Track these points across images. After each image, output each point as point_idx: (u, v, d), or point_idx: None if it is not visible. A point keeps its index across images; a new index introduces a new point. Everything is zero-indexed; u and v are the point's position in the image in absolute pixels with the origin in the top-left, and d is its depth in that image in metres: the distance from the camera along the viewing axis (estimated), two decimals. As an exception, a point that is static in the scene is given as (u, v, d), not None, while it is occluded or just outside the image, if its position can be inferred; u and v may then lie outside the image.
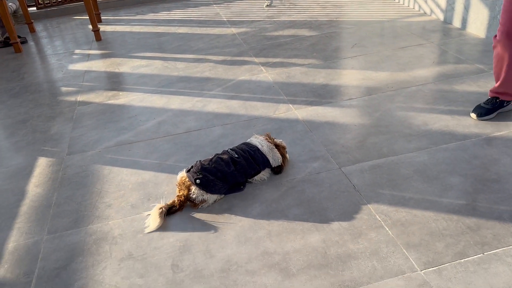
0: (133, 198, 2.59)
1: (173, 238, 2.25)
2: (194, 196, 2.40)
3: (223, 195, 2.50)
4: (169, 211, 2.38)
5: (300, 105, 3.46)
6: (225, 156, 2.52)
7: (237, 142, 2.83)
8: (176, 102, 3.74)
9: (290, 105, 3.47)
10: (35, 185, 2.81)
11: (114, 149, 3.15)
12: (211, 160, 2.49)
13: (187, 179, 2.43)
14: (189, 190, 2.41)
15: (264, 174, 2.63)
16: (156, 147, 3.11)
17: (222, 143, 3.07)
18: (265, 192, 2.52)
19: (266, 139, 2.66)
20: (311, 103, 3.47)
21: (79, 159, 3.06)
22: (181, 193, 2.43)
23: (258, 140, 2.64)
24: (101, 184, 2.75)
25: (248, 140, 2.71)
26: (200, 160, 2.52)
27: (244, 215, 2.35)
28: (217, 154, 2.58)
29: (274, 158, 2.59)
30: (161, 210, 2.33)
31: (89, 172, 2.89)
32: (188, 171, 2.46)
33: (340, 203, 2.36)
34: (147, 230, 2.26)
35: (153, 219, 2.30)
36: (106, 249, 2.22)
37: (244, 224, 2.29)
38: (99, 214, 2.49)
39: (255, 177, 2.60)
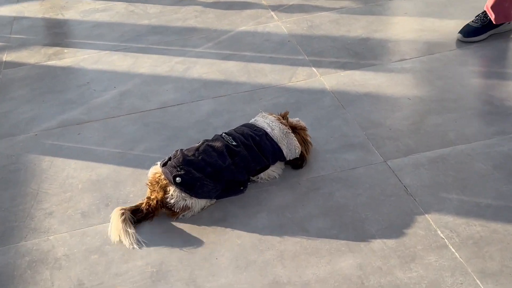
0: (84, 203, 2.61)
1: (143, 261, 2.27)
2: (172, 201, 2.41)
3: (214, 200, 2.51)
4: (134, 217, 2.42)
5: (328, 69, 3.42)
6: (218, 144, 2.53)
7: (235, 124, 2.83)
8: (147, 64, 3.74)
9: (314, 69, 3.46)
10: None
11: (57, 131, 3.17)
12: (197, 149, 2.50)
13: (162, 177, 2.44)
14: (165, 192, 2.43)
15: (275, 169, 2.63)
16: (117, 130, 3.12)
17: (213, 124, 3.06)
18: (276, 195, 2.53)
19: (279, 119, 2.66)
20: (344, 66, 3.44)
21: (6, 146, 3.09)
22: (153, 196, 2.45)
23: (266, 121, 2.65)
24: (39, 182, 2.78)
25: (252, 121, 2.71)
26: (181, 150, 2.53)
27: (244, 228, 2.37)
28: (206, 140, 2.59)
29: (290, 147, 2.59)
30: (122, 212, 2.37)
31: (21, 164, 2.92)
32: (164, 164, 2.47)
33: (385, 212, 2.36)
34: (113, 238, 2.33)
35: (114, 227, 2.35)
36: (45, 276, 2.25)
37: (245, 242, 2.30)
38: (35, 226, 2.51)
39: (262, 174, 2.60)
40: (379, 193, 2.46)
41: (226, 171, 2.48)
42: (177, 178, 2.40)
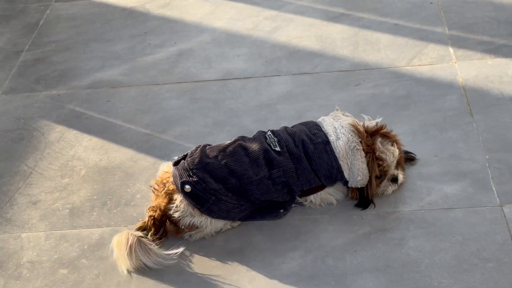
0: (78, 197, 2.71)
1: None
2: (177, 215, 2.41)
3: (238, 222, 2.49)
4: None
5: (472, 52, 3.24)
6: (255, 146, 2.46)
7: (309, 117, 2.76)
8: (227, 16, 3.76)
9: (451, 50, 3.29)
10: None
11: (84, 94, 3.31)
12: (224, 149, 2.46)
13: (171, 179, 2.45)
14: (170, 200, 2.43)
15: (334, 193, 2.54)
16: (156, 102, 3.19)
17: (280, 112, 3.03)
18: (324, 230, 2.44)
19: (354, 125, 2.51)
20: (497, 51, 3.23)
21: (19, 105, 3.28)
22: (156, 203, 2.46)
23: (335, 124, 2.51)
24: (37, 159, 2.93)
25: (320, 120, 2.59)
26: (204, 146, 2.51)
27: (264, 269, 2.31)
28: (242, 138, 2.54)
29: (353, 169, 2.46)
30: (131, 235, 2.34)
31: (27, 132, 3.10)
32: (176, 163, 2.47)
33: (471, 283, 2.17)
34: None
35: (121, 256, 2.33)
36: (-2, 285, 2.38)
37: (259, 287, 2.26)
38: (12, 216, 2.65)
39: (312, 197, 2.52)
40: (472, 253, 2.27)
41: (257, 187, 2.42)
42: (186, 186, 2.38)
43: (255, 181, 2.42)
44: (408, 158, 2.66)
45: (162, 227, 2.45)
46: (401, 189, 2.57)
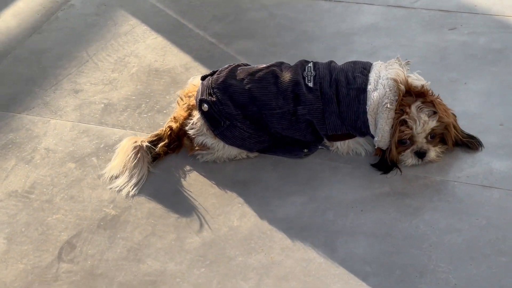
0: (118, 94, 2.72)
1: (110, 196, 2.30)
2: (191, 132, 2.34)
3: (256, 153, 2.38)
4: (153, 152, 2.39)
5: None
6: (287, 75, 2.29)
7: (380, 57, 2.53)
8: None
9: None
10: (6, 20, 3.23)
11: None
12: (254, 73, 2.32)
13: (195, 94, 2.36)
14: (189, 115, 2.36)
15: (364, 143, 2.35)
16: (235, 11, 3.11)
17: (354, 45, 2.83)
18: (339, 181, 2.28)
19: (396, 80, 2.23)
20: None
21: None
22: (177, 115, 2.40)
23: (381, 74, 2.25)
24: (99, 48, 2.96)
25: (375, 64, 2.35)
26: (237, 66, 2.38)
27: (258, 209, 2.21)
28: (281, 64, 2.38)
29: (378, 126, 2.23)
30: (135, 142, 2.36)
31: (103, 20, 3.13)
32: (204, 78, 2.38)
33: (474, 275, 1.94)
34: (107, 173, 2.36)
35: (120, 158, 2.36)
36: (7, 165, 2.43)
37: (242, 228, 2.16)
38: (50, 100, 2.71)
39: (339, 144, 2.34)
40: (489, 242, 2.04)
41: (278, 120, 2.29)
42: (204, 105, 2.29)
43: (277, 114, 2.28)
44: (466, 144, 2.33)
45: (178, 140, 2.41)
46: (444, 155, 2.31)
